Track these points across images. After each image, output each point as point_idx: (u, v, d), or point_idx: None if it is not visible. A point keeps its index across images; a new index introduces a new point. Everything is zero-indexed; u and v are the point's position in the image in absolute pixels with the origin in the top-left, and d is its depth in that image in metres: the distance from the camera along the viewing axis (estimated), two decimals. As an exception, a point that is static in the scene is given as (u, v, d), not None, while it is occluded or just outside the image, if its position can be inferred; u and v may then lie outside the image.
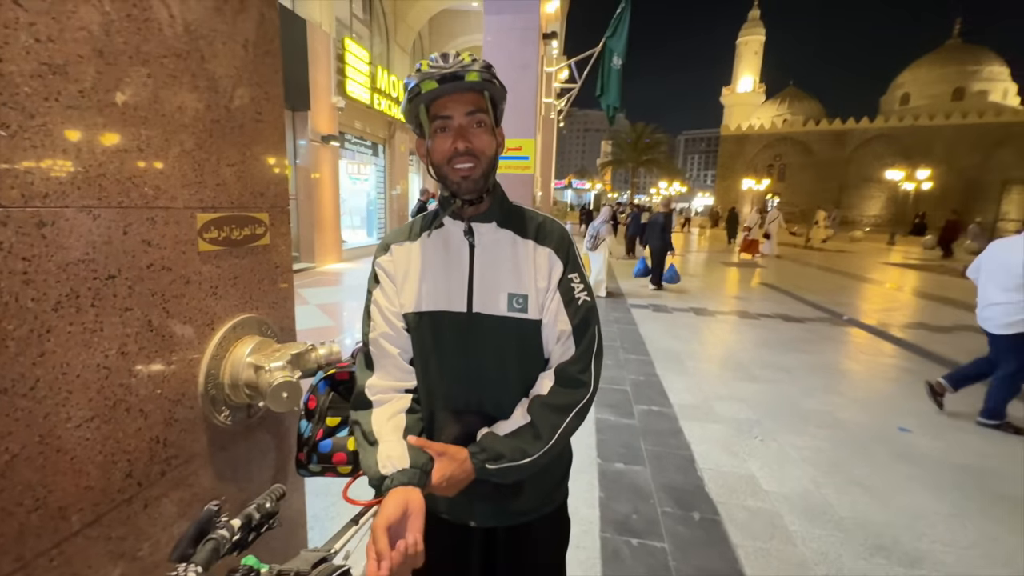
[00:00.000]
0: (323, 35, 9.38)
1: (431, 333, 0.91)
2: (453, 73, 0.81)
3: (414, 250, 0.95)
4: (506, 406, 0.91)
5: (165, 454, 0.90)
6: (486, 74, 0.83)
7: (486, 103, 0.87)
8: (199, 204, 0.92)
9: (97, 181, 0.72)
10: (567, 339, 0.89)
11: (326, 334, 5.16)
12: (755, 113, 53.27)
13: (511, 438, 0.86)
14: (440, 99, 0.85)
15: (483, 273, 0.90)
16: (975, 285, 3.45)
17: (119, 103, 0.75)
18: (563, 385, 0.89)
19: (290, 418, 1.30)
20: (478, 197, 0.89)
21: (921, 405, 3.64)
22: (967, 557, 2.01)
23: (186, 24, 0.86)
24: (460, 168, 0.85)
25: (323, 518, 2.10)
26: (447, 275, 0.91)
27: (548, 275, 0.90)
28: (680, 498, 2.37)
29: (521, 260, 0.91)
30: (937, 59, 42.40)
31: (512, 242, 0.92)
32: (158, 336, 0.86)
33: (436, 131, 0.87)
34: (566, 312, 0.89)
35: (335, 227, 10.34)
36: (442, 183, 0.90)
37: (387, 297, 0.95)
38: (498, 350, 0.89)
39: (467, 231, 0.91)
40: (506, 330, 0.88)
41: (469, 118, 0.85)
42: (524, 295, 0.89)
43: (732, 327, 5.99)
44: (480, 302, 0.89)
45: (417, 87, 0.84)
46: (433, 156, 0.88)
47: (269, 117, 1.12)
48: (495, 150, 0.89)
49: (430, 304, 0.91)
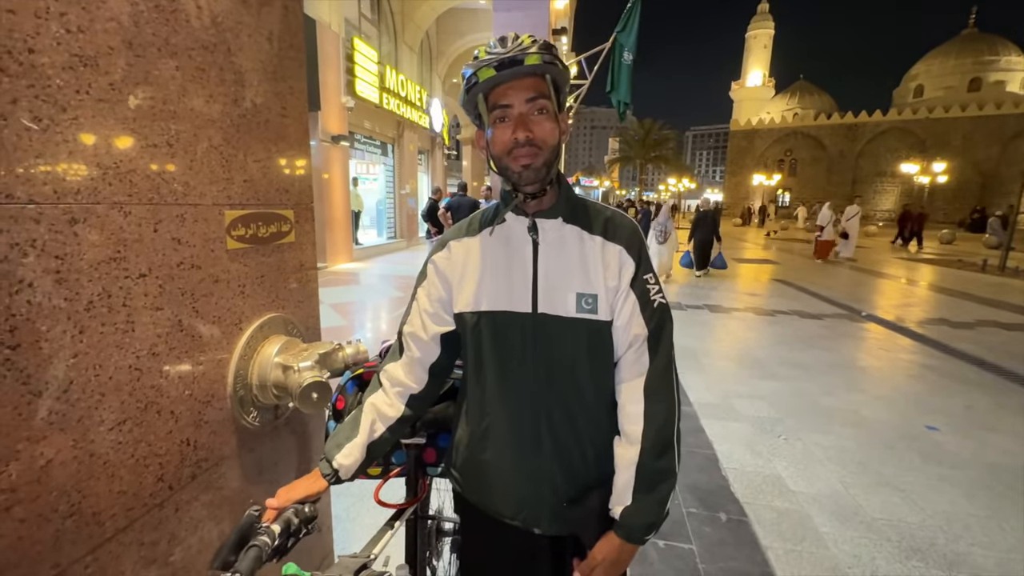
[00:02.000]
0: (332, 35, 9.40)
1: (491, 334, 0.86)
2: (511, 58, 0.76)
3: (474, 247, 0.90)
4: (578, 416, 0.86)
5: (195, 456, 0.88)
6: (547, 56, 0.78)
7: (548, 88, 0.81)
8: (227, 201, 0.90)
9: (128, 177, 0.70)
10: (641, 344, 0.84)
11: (339, 333, 5.17)
12: (765, 108, 52.65)
13: (644, 493, 0.81)
14: (499, 87, 0.80)
15: (548, 271, 0.84)
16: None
17: (149, 97, 0.73)
18: (654, 402, 0.83)
19: (316, 419, 1.28)
20: (541, 189, 0.84)
21: (947, 402, 3.55)
22: (1009, 561, 1.94)
23: (213, 15, 0.84)
24: (521, 158, 0.80)
25: (344, 519, 2.09)
26: (510, 274, 0.86)
27: (619, 274, 0.85)
28: (705, 499, 2.32)
29: (589, 258, 0.85)
30: (952, 49, 41.54)
31: (579, 238, 0.86)
32: (188, 336, 0.84)
33: (496, 121, 0.81)
34: (642, 316, 0.84)
35: (346, 227, 10.38)
36: (503, 175, 0.85)
37: (428, 296, 0.91)
38: (567, 353, 0.84)
39: (531, 227, 0.85)
40: (575, 332, 0.83)
41: (530, 105, 0.79)
42: (593, 295, 0.83)
43: (747, 324, 5.90)
44: (546, 302, 0.84)
45: (474, 76, 0.79)
46: (493, 148, 0.83)
47: (294, 112, 1.10)
48: (558, 138, 0.83)
49: (491, 304, 0.86)
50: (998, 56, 39.85)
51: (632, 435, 0.83)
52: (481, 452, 0.90)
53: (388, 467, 1.09)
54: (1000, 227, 15.89)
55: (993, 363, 4.46)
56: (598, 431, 0.87)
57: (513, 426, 0.86)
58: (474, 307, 0.86)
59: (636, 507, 0.81)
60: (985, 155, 33.56)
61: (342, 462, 0.86)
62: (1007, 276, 10.04)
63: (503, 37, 0.80)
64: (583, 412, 0.86)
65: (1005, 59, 39.83)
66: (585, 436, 0.86)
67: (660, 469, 0.82)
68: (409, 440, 1.04)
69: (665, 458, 0.82)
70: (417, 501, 1.06)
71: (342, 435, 0.88)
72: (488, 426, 0.89)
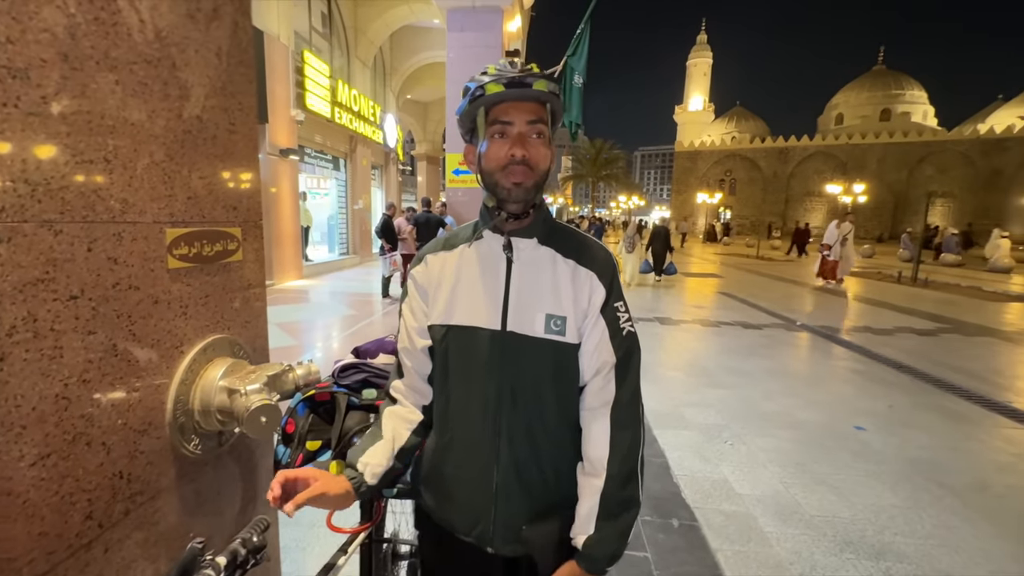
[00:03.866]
0: (281, 47, 9.18)
1: (458, 348, 0.86)
2: (521, 79, 0.79)
3: (450, 261, 0.91)
4: (539, 437, 0.86)
5: (129, 491, 0.82)
6: (552, 86, 0.81)
7: (547, 116, 0.84)
8: (169, 219, 0.87)
9: (59, 194, 0.67)
10: (609, 371, 0.85)
11: (288, 354, 4.94)
12: (706, 131, 56.01)
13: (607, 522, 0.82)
14: (503, 104, 0.82)
15: (520, 290, 0.85)
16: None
17: (85, 110, 0.70)
18: (620, 429, 0.86)
19: (263, 444, 1.23)
20: (524, 211, 0.85)
21: (871, 403, 3.86)
22: (925, 547, 2.13)
23: (157, 30, 0.82)
24: (514, 176, 0.81)
25: (293, 549, 1.99)
26: (481, 290, 0.86)
27: (589, 299, 0.86)
28: (659, 506, 2.39)
29: (561, 280, 0.86)
30: (866, 83, 46.16)
31: (552, 260, 0.87)
32: (123, 361, 0.79)
33: (493, 136, 0.83)
34: (611, 343, 0.85)
35: (295, 243, 10.02)
36: (490, 191, 0.86)
37: (412, 312, 0.92)
38: (532, 373, 0.84)
39: (506, 245, 0.86)
40: (542, 352, 0.84)
41: (530, 127, 0.82)
42: (563, 317, 0.84)
43: (695, 335, 6.18)
44: (515, 321, 0.84)
45: (481, 88, 0.81)
46: (485, 162, 0.84)
47: (242, 128, 1.07)
48: (549, 165, 0.85)
49: (461, 318, 0.86)
50: (903, 90, 44.67)
51: (596, 463, 0.84)
52: (443, 464, 0.90)
53: (342, 491, 1.06)
54: (910, 242, 17.63)
55: (909, 366, 4.90)
56: (560, 454, 0.88)
57: (473, 441, 0.87)
58: (444, 320, 0.87)
59: (599, 536, 0.81)
60: (896, 177, 37.28)
61: (368, 460, 0.85)
62: (919, 286, 11.12)
63: (512, 60, 0.83)
64: (544, 434, 0.86)
65: (909, 93, 44.70)
66: (545, 458, 0.87)
67: (624, 499, 0.83)
68: (364, 461, 1.02)
69: (629, 487, 0.84)
70: (372, 524, 1.04)
71: (364, 444, 0.89)
72: (450, 439, 0.89)
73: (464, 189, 8.24)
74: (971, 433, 3.35)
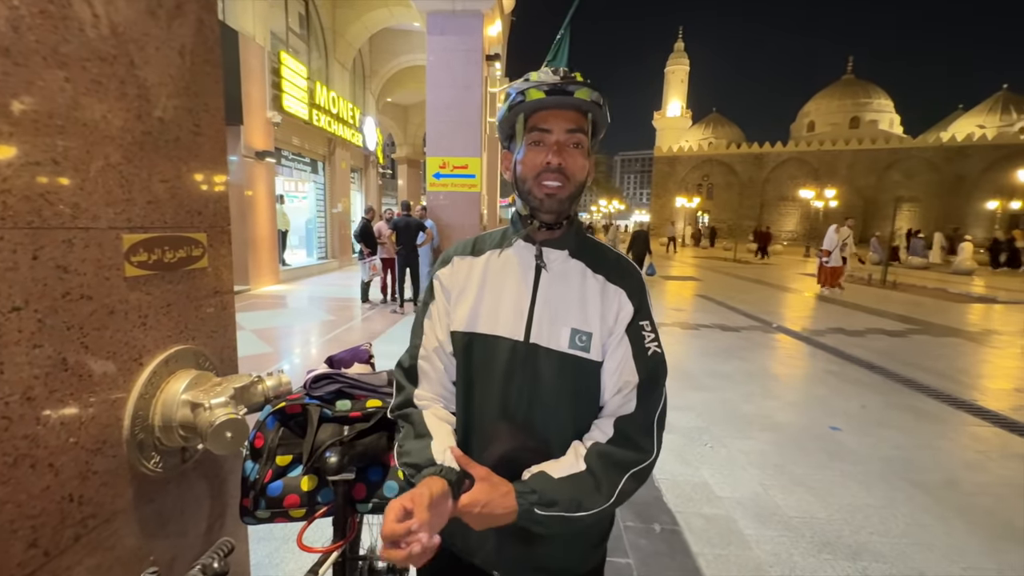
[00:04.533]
0: (257, 48, 9.01)
1: (480, 358, 0.83)
2: (563, 87, 0.77)
3: (476, 266, 0.88)
4: (555, 449, 0.81)
5: (80, 514, 0.77)
6: (596, 95, 0.79)
7: (588, 126, 0.82)
8: (126, 224, 0.82)
9: (1, 198, 0.62)
10: (630, 392, 0.80)
11: (263, 362, 4.82)
12: (684, 136, 57.07)
13: (567, 484, 0.76)
14: (543, 111, 0.80)
15: (547, 302, 0.82)
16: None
17: (30, 109, 0.65)
18: (621, 445, 0.79)
19: (230, 459, 1.17)
20: (558, 221, 0.83)
21: (846, 404, 3.95)
22: (900, 545, 2.17)
23: (112, 26, 0.77)
24: (548, 184, 0.79)
25: (266, 566, 1.91)
26: (507, 299, 0.84)
27: (616, 316, 0.82)
28: (641, 511, 2.39)
29: (589, 295, 0.83)
30: (836, 91, 47.74)
31: (582, 274, 0.85)
32: (74, 376, 0.74)
33: (531, 144, 0.81)
34: (634, 362, 0.81)
35: (271, 247, 9.81)
36: (524, 199, 0.83)
37: (439, 312, 0.89)
38: (553, 388, 0.81)
39: (537, 255, 0.84)
40: (564, 368, 0.80)
41: (568, 136, 0.79)
42: (588, 332, 0.81)
43: (676, 338, 6.25)
44: (539, 333, 0.81)
45: (521, 95, 0.79)
46: (521, 169, 0.82)
47: (208, 130, 1.03)
48: (586, 176, 0.83)
49: (485, 326, 0.83)
50: (871, 99, 46.37)
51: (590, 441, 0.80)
52: None
53: (314, 507, 1.02)
54: (878, 244, 18.25)
55: (881, 366, 5.04)
56: None
57: (488, 454, 0.82)
58: (467, 327, 0.84)
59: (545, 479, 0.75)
60: (865, 183, 38.60)
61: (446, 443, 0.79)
62: (887, 288, 11.49)
63: (556, 68, 0.81)
64: (561, 452, 0.81)
65: (877, 102, 46.42)
66: None
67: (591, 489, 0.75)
68: (336, 476, 0.98)
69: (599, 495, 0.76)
70: (346, 542, 1.00)
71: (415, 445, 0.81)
72: (467, 449, 0.84)
73: (445, 193, 8.20)
74: (941, 432, 3.45)
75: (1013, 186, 29.98)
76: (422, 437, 0.82)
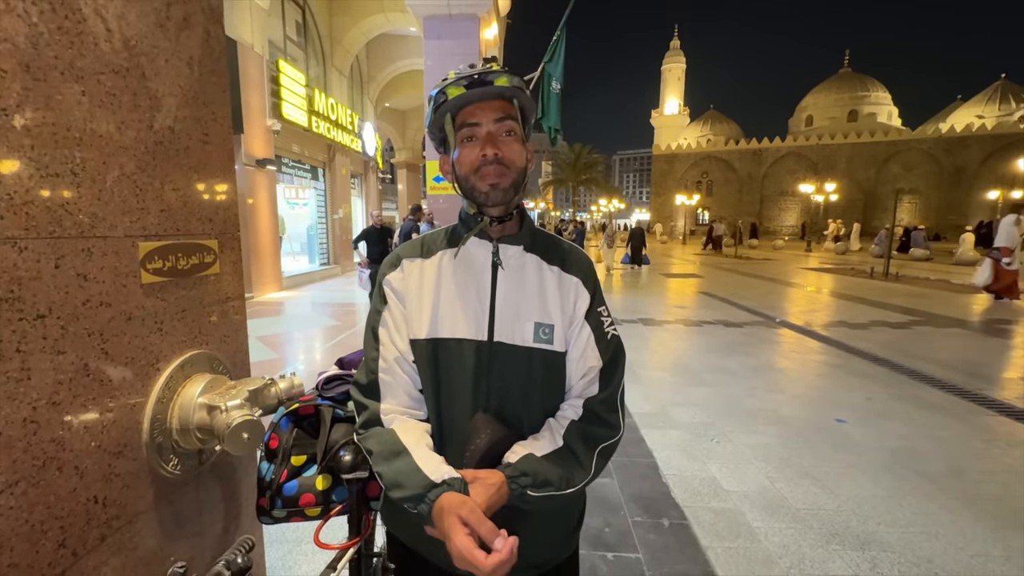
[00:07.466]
0: (256, 56, 9.06)
1: (445, 362, 0.82)
2: (482, 78, 0.77)
3: (428, 269, 0.86)
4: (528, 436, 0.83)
5: (105, 515, 0.79)
6: (516, 81, 0.79)
7: (516, 112, 0.82)
8: (141, 232, 0.84)
9: (23, 209, 0.64)
10: (595, 376, 0.84)
11: (270, 368, 4.84)
12: (682, 134, 57.02)
13: (554, 463, 0.77)
14: (467, 106, 0.80)
15: (507, 299, 0.82)
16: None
17: (50, 122, 0.67)
18: (593, 423, 0.82)
19: (245, 461, 1.20)
20: (507, 213, 0.83)
21: (850, 396, 3.96)
22: (908, 534, 2.18)
23: (125, 39, 0.80)
24: (488, 176, 0.79)
25: (279, 568, 1.93)
26: (466, 299, 0.83)
27: (574, 305, 0.85)
28: (649, 506, 2.40)
29: (548, 288, 0.84)
30: (833, 85, 47.63)
31: (538, 268, 0.85)
32: (95, 381, 0.76)
33: (463, 141, 0.81)
34: (597, 348, 0.84)
35: (274, 254, 9.84)
36: (469, 197, 0.83)
37: (395, 319, 0.86)
38: (522, 383, 0.82)
39: (494, 252, 0.84)
40: (531, 362, 0.81)
41: (498, 125, 0.79)
42: (551, 325, 0.82)
43: (678, 335, 6.25)
44: (503, 331, 0.81)
45: (443, 94, 0.79)
46: (459, 168, 0.82)
47: (216, 139, 1.05)
48: (525, 162, 0.83)
49: (447, 330, 0.82)
50: (869, 92, 46.26)
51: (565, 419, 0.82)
52: None
53: (328, 506, 1.04)
54: (884, 238, 18.19)
55: (885, 358, 5.04)
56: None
57: (465, 452, 0.83)
58: (429, 333, 0.83)
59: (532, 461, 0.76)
60: (865, 176, 38.53)
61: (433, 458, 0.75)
62: (890, 281, 11.48)
63: (472, 63, 0.81)
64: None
65: (875, 95, 46.31)
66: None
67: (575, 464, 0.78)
68: (351, 474, 0.99)
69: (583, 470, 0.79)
70: (361, 539, 1.01)
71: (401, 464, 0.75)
72: (443, 450, 0.85)
73: (445, 196, 8.23)
74: (946, 422, 3.46)
75: (1013, 175, 29.94)
76: (399, 455, 0.76)
